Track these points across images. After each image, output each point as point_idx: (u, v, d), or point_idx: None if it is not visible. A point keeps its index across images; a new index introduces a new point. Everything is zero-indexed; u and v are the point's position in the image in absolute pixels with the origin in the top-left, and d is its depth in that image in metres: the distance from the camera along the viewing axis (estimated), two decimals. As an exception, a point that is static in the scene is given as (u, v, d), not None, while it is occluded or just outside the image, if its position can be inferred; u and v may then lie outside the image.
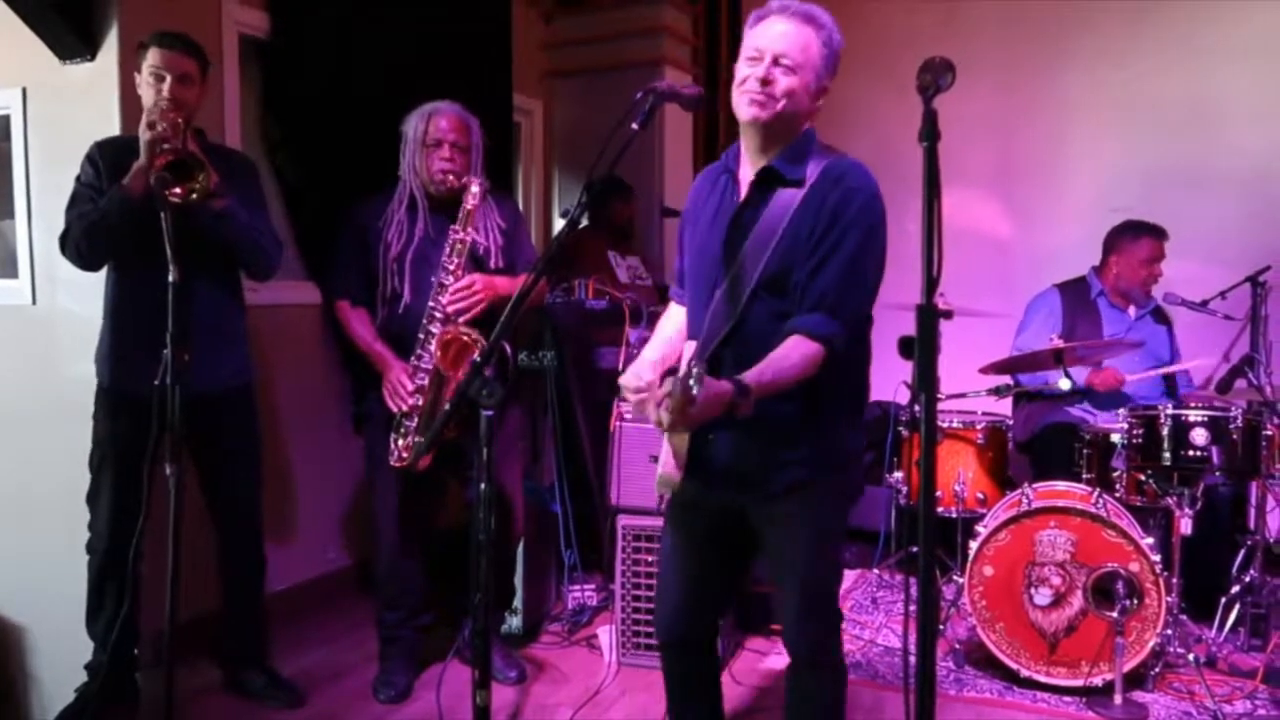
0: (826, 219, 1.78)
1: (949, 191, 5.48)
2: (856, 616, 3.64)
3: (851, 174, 1.83)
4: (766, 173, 1.86)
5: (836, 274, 1.77)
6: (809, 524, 1.90)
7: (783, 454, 1.87)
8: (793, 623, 1.94)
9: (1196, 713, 2.86)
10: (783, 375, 1.73)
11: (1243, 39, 4.24)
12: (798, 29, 1.79)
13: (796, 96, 1.80)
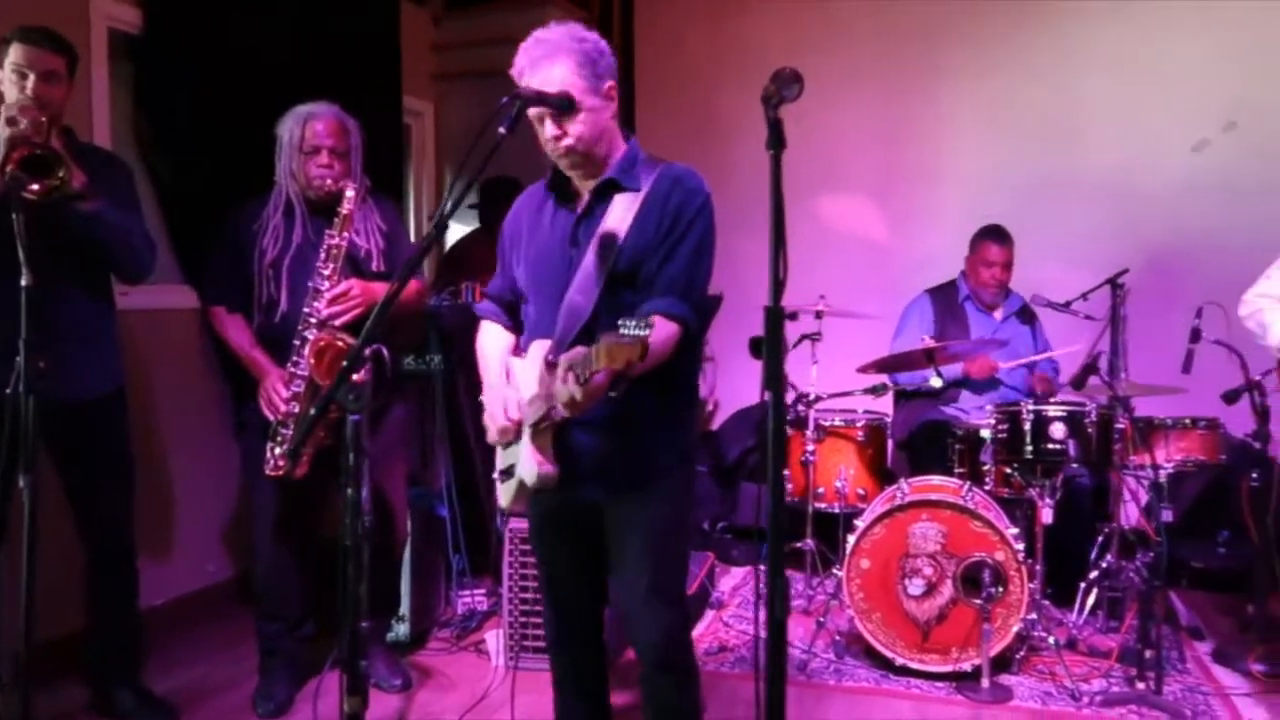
0: (672, 216, 1.90)
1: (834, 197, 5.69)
2: (742, 612, 3.72)
3: (688, 177, 1.96)
4: (607, 183, 1.95)
5: (684, 263, 1.89)
6: (658, 522, 1.96)
7: (643, 445, 1.94)
8: (641, 627, 1.98)
9: (1057, 692, 3.01)
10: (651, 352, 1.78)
11: (1102, 58, 4.48)
12: (546, 74, 1.86)
13: (588, 128, 1.89)
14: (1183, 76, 4.37)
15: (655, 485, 1.96)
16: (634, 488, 1.95)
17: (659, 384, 1.89)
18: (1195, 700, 2.97)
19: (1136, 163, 4.43)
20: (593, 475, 1.95)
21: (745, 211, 4.95)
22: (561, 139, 1.89)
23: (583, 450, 1.94)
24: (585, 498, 1.99)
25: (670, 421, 1.97)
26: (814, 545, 3.70)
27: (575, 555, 2.10)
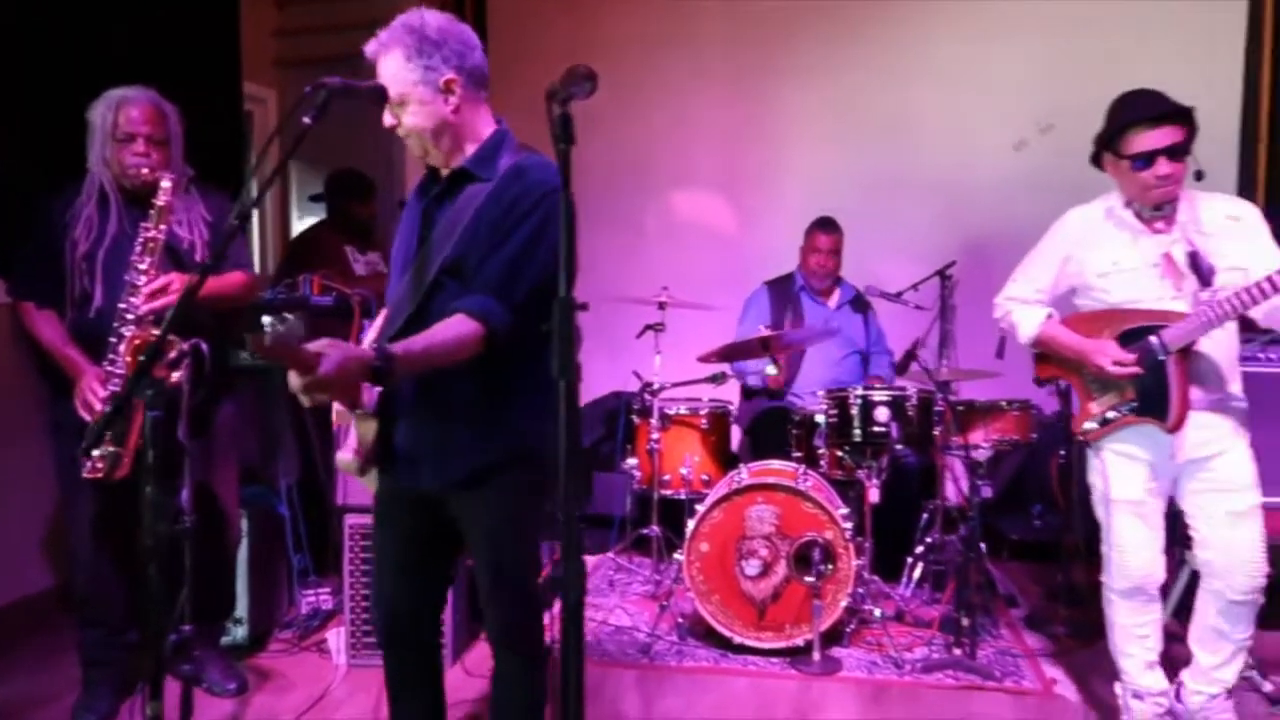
0: (505, 210, 1.86)
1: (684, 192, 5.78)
2: (592, 600, 3.78)
3: (533, 170, 1.91)
4: (458, 172, 1.94)
5: (505, 260, 1.84)
6: (499, 511, 1.95)
7: (464, 439, 1.91)
8: (489, 610, 2.00)
9: (882, 662, 3.19)
10: (434, 349, 1.77)
11: (932, 63, 4.73)
12: (383, 66, 1.87)
13: (420, 120, 1.89)
14: (1005, 81, 4.65)
15: (490, 479, 1.93)
16: (465, 481, 1.93)
17: (481, 377, 1.87)
18: (1005, 662, 3.19)
19: (964, 161, 4.69)
20: (417, 464, 1.94)
21: (596, 206, 5.06)
22: (395, 127, 1.90)
23: (405, 439, 1.93)
24: (416, 486, 1.98)
25: (498, 415, 1.93)
26: (660, 531, 3.78)
27: (407, 545, 2.07)
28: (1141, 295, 2.41)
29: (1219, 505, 2.40)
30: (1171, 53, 4.36)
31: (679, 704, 2.92)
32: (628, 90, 5.00)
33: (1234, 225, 2.38)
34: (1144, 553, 2.49)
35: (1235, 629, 2.44)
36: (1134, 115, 2.36)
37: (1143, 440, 2.45)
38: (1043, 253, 2.65)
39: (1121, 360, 2.38)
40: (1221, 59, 4.39)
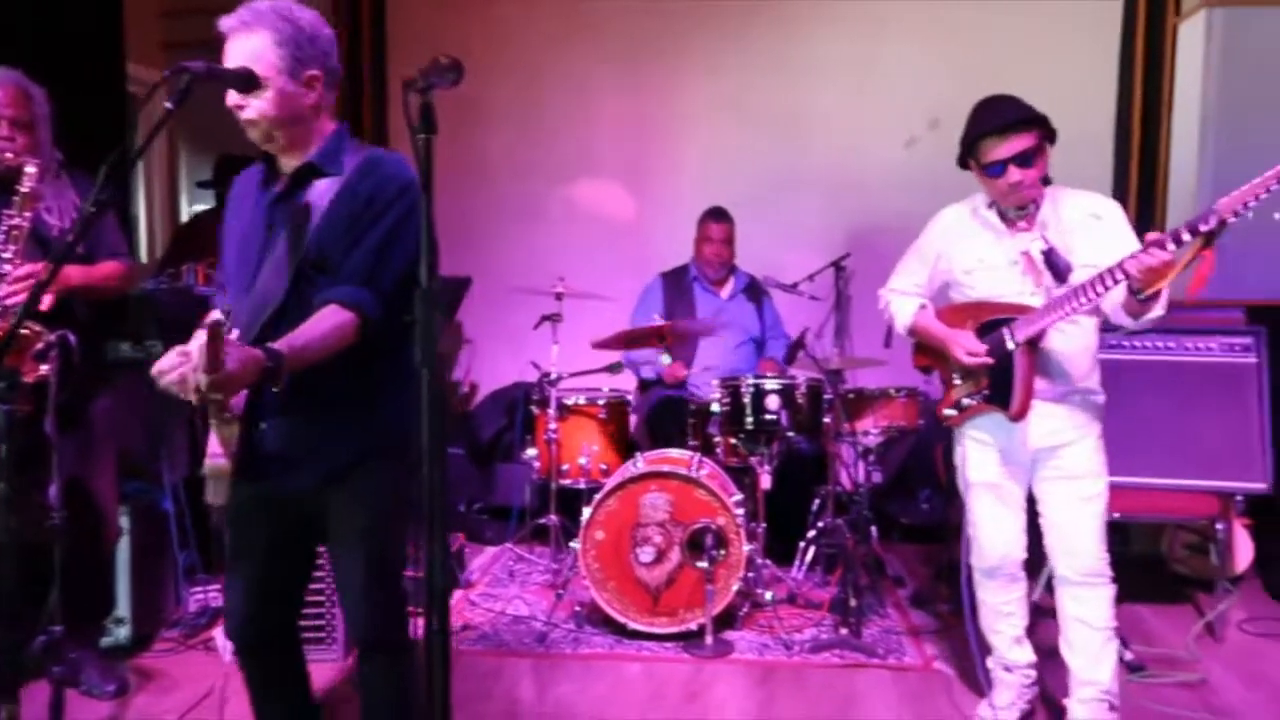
0: (363, 202, 1.87)
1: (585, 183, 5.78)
2: (491, 590, 3.79)
3: (387, 164, 1.93)
4: (305, 168, 1.92)
5: (370, 250, 1.86)
6: (368, 506, 1.94)
7: (335, 434, 1.91)
8: (355, 606, 1.97)
9: (773, 643, 3.27)
10: (315, 342, 1.76)
11: (824, 60, 4.83)
12: (243, 43, 1.84)
13: (274, 108, 1.85)
14: (895, 80, 4.78)
15: (358, 472, 1.93)
16: (336, 477, 1.92)
17: (349, 371, 1.86)
18: (890, 640, 3.30)
19: (857, 156, 4.81)
20: (287, 466, 1.92)
21: (499, 197, 5.05)
22: (241, 109, 1.85)
23: (274, 440, 1.91)
24: (285, 488, 1.95)
25: (366, 408, 1.93)
26: (558, 521, 3.80)
27: (269, 549, 2.03)
28: (1003, 291, 2.49)
29: (1064, 492, 2.48)
30: (1051, 56, 4.55)
31: (572, 690, 2.95)
32: (527, 81, 5.00)
33: (1095, 223, 2.44)
34: (1001, 533, 2.59)
35: (1090, 611, 2.49)
36: (983, 126, 2.41)
37: (996, 427, 2.54)
38: (919, 248, 2.73)
39: (974, 350, 2.46)
40: (1098, 63, 4.59)
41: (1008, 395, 2.45)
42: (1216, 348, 3.40)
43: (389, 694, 2.01)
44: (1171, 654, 3.21)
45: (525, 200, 5.04)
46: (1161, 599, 3.70)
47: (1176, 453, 3.34)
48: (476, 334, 5.09)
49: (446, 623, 1.48)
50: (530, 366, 3.89)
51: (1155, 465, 3.33)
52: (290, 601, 2.12)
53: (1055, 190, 2.50)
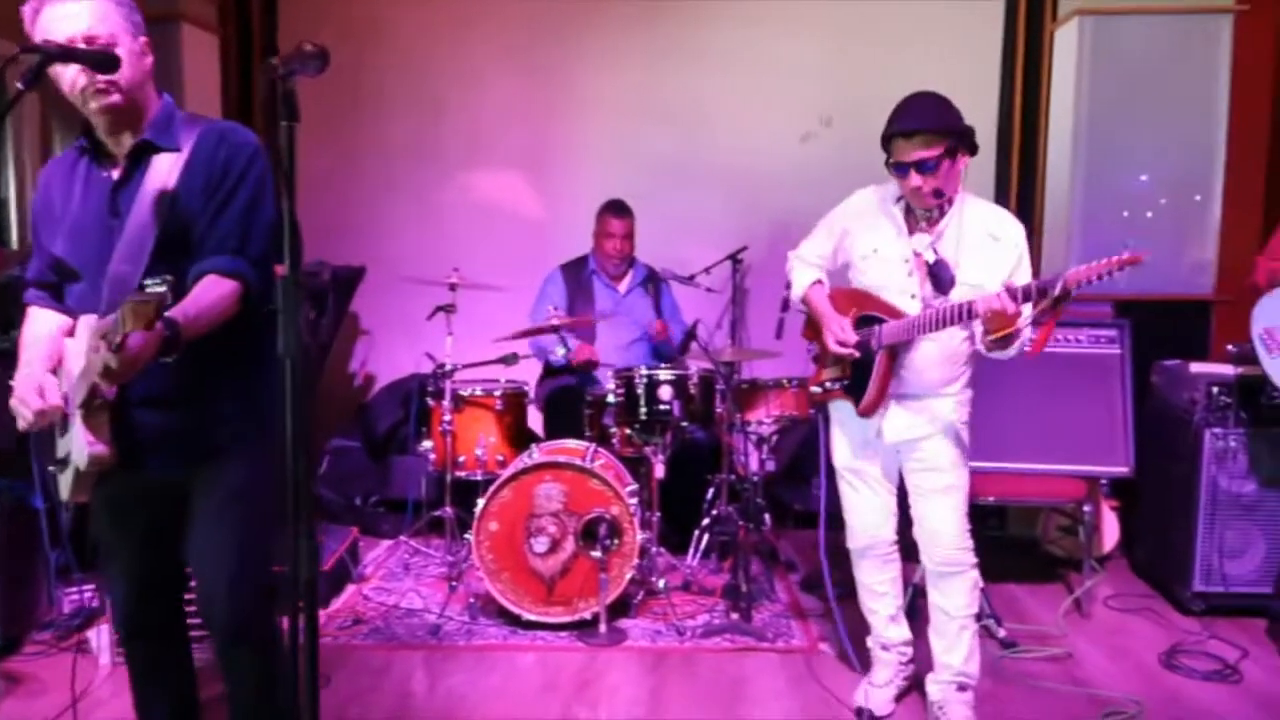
0: (219, 173, 1.85)
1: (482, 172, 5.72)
2: (385, 584, 3.74)
3: (235, 132, 1.91)
4: (142, 145, 1.86)
5: (236, 219, 1.85)
6: (241, 489, 1.92)
7: (214, 414, 1.89)
8: (220, 596, 1.93)
9: (666, 630, 3.32)
10: (205, 312, 1.75)
11: (722, 54, 4.88)
12: (87, 4, 1.76)
13: (131, 72, 1.81)
14: (791, 75, 4.87)
15: (230, 452, 1.91)
16: (208, 457, 1.90)
17: (225, 350, 1.85)
18: (779, 624, 3.39)
19: (755, 150, 4.89)
20: (162, 451, 1.88)
21: (394, 184, 4.97)
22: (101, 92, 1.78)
23: (148, 426, 1.86)
24: (157, 475, 1.91)
25: (243, 388, 1.93)
26: (453, 512, 3.78)
27: (147, 538, 2.00)
28: (888, 285, 2.54)
29: (925, 482, 2.58)
30: (937, 57, 4.69)
31: (464, 682, 2.94)
32: (425, 67, 4.93)
33: (991, 243, 2.45)
34: (867, 515, 2.70)
35: (949, 601, 2.58)
36: (896, 127, 2.41)
37: (855, 416, 2.62)
38: (829, 221, 2.73)
39: (843, 340, 2.54)
40: (981, 66, 4.76)
41: (863, 389, 2.55)
42: (1085, 339, 3.58)
43: (254, 687, 1.98)
44: (1042, 630, 3.37)
45: (422, 188, 4.97)
46: (1036, 579, 3.89)
47: (1047, 439, 3.50)
48: (373, 324, 5.01)
49: (314, 613, 1.46)
50: (426, 358, 3.85)
51: (1028, 451, 3.49)
52: (174, 587, 2.09)
53: (967, 199, 2.50)
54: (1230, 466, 3.41)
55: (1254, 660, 3.14)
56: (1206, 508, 3.43)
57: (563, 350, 3.65)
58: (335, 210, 4.93)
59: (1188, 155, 4.29)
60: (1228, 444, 3.41)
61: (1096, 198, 4.35)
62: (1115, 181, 4.35)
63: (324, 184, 4.94)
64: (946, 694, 2.62)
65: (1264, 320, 3.19)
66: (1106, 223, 4.37)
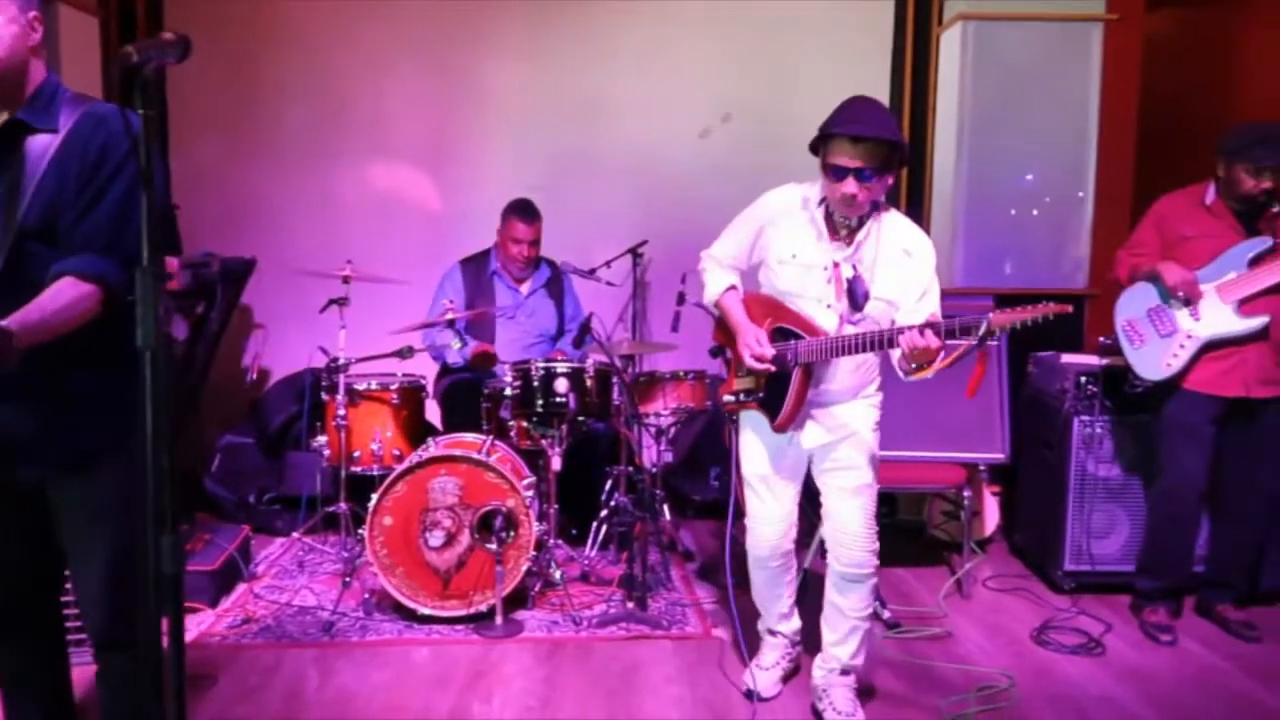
0: (95, 160, 1.76)
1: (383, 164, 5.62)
2: (278, 582, 3.68)
3: (114, 118, 1.80)
4: (14, 124, 1.78)
5: (108, 214, 1.75)
6: (107, 496, 1.86)
7: (78, 420, 1.82)
8: (92, 603, 1.89)
9: (562, 620, 3.35)
10: (51, 317, 1.67)
11: (624, 51, 4.91)
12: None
13: (6, 46, 1.74)
14: (691, 72, 4.93)
15: (100, 456, 1.85)
16: (75, 468, 1.84)
17: (88, 352, 1.78)
18: (674, 612, 3.45)
19: (656, 146, 4.93)
20: (23, 453, 1.81)
21: (291, 175, 4.87)
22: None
23: (8, 427, 1.80)
24: (20, 478, 1.84)
25: (109, 393, 1.85)
26: (348, 508, 3.73)
27: (17, 537, 1.93)
28: (805, 291, 2.50)
29: (836, 483, 2.60)
30: (829, 57, 4.83)
31: (356, 678, 2.92)
32: (323, 57, 4.84)
33: (904, 259, 2.45)
34: (770, 526, 2.70)
35: (848, 602, 2.64)
36: (841, 126, 2.34)
37: (768, 425, 2.60)
38: (744, 221, 2.67)
39: (759, 355, 2.49)
40: (872, 66, 4.89)
41: (778, 407, 2.52)
42: (964, 332, 3.73)
43: (127, 695, 1.94)
44: (924, 611, 3.52)
45: (321, 180, 4.88)
46: (921, 562, 4.04)
47: (930, 429, 3.65)
48: (267, 318, 4.90)
49: (179, 612, 1.44)
50: (317, 351, 3.79)
51: (911, 440, 3.64)
52: (47, 588, 2.03)
53: (884, 213, 2.49)
54: (1097, 452, 3.61)
55: (1116, 634, 3.34)
56: (1076, 491, 3.62)
57: (458, 345, 3.64)
58: (229, 201, 4.82)
59: (1063, 156, 4.51)
60: (1095, 431, 3.60)
61: (980, 197, 4.54)
62: (999, 181, 4.55)
63: (217, 175, 4.81)
64: (830, 679, 2.71)
65: (1125, 313, 3.38)
66: (990, 221, 4.57)
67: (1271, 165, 3.09)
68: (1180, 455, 3.31)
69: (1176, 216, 3.33)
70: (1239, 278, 3.17)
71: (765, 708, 2.77)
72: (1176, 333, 3.25)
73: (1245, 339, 3.18)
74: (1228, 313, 3.18)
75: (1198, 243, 3.25)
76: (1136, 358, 3.34)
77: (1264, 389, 3.21)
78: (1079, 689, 2.94)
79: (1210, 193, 3.27)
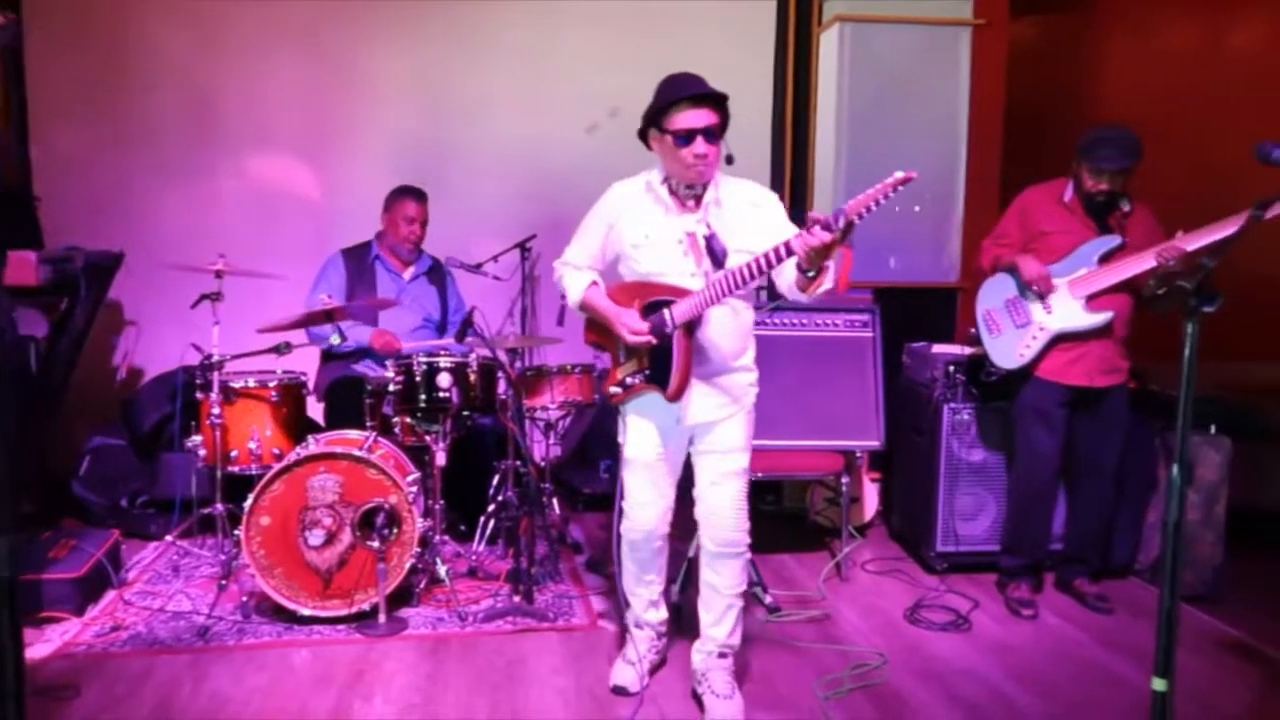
0: None
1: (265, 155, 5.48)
2: (150, 587, 3.55)
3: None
4: None
5: None
6: None
7: None
8: None
9: (448, 617, 3.33)
10: None
11: (510, 45, 4.88)
12: None
13: None
14: (577, 68, 4.93)
15: None
16: None
17: None
18: (561, 604, 3.47)
19: (542, 140, 4.92)
20: None
21: (163, 166, 4.69)
22: None
23: None
24: None
25: None
26: (224, 509, 3.62)
27: None
28: (666, 269, 2.56)
29: (712, 466, 2.67)
30: (716, 53, 4.88)
31: (230, 683, 2.84)
32: (198, 45, 4.67)
33: (753, 210, 2.57)
34: (649, 510, 2.74)
35: (721, 580, 2.72)
36: (679, 93, 2.44)
37: (654, 407, 2.66)
38: (593, 220, 2.74)
39: (637, 330, 2.54)
40: (757, 63, 5.00)
41: (667, 376, 2.55)
42: (841, 324, 3.87)
43: None
44: (805, 595, 3.62)
45: (195, 171, 4.71)
46: (804, 548, 4.16)
47: (808, 417, 3.76)
48: (137, 315, 4.71)
49: (15, 620, 1.39)
50: (190, 349, 3.66)
51: (791, 429, 3.74)
52: None
53: (720, 177, 2.59)
54: (965, 437, 3.78)
55: (983, 610, 3.51)
56: (946, 475, 3.79)
57: (337, 339, 3.57)
58: (94, 192, 4.61)
59: (937, 155, 4.70)
60: (962, 417, 3.77)
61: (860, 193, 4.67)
62: (878, 178, 4.68)
63: (82, 164, 4.60)
64: (709, 663, 2.77)
65: (985, 303, 3.55)
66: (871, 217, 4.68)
67: (1110, 169, 3.28)
68: (1034, 438, 3.50)
69: (1038, 211, 3.50)
70: (1089, 274, 3.36)
71: (647, 695, 2.81)
72: (1030, 324, 3.43)
73: (1091, 333, 3.37)
74: (1077, 308, 3.37)
75: (1055, 238, 3.43)
76: (993, 346, 3.51)
77: (1106, 378, 3.42)
78: (946, 664, 3.08)
79: (1069, 190, 3.45)
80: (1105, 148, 3.27)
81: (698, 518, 2.74)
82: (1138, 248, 3.30)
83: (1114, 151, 3.25)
